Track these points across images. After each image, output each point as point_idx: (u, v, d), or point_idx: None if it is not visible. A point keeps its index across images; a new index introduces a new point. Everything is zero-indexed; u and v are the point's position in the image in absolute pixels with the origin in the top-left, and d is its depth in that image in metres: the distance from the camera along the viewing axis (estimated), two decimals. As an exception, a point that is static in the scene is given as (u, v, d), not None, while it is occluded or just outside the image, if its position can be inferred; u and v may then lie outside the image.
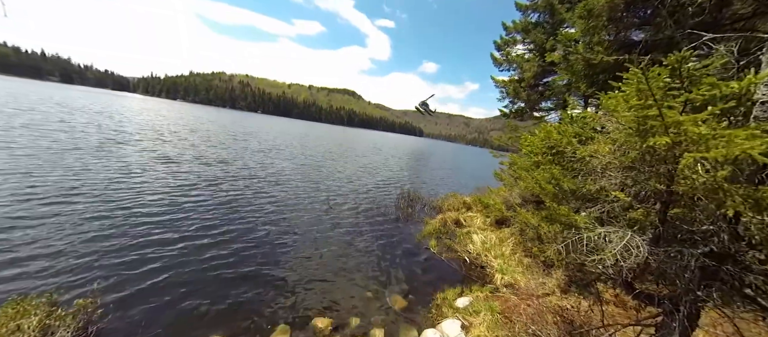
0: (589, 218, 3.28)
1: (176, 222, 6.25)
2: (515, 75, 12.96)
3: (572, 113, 3.36)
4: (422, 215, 9.89)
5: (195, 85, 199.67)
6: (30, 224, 5.23)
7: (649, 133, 2.03)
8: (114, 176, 8.64)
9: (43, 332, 2.91)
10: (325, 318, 4.04)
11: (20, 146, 10.29)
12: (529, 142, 4.42)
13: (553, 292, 5.06)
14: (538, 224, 5.97)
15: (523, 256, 6.58)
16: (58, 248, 4.66)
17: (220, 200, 8.15)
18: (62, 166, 8.80)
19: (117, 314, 3.55)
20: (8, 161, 8.49)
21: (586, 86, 6.56)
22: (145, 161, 10.86)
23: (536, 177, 6.23)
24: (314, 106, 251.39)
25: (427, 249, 7.07)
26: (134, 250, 4.96)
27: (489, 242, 7.36)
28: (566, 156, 3.05)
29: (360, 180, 15.06)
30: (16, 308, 2.98)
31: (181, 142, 17.11)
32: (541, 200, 7.18)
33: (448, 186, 17.74)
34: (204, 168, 11.67)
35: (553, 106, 12.47)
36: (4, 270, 3.99)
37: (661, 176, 2.08)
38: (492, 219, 8.96)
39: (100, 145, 12.31)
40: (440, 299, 4.87)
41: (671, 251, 2.21)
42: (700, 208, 2.22)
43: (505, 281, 5.60)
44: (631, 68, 2.03)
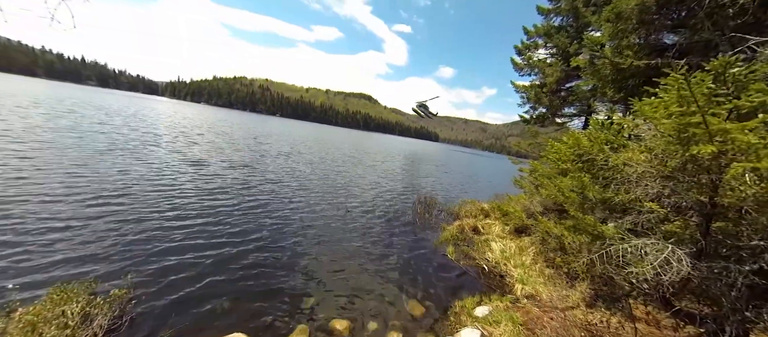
0: (619, 229, 3.14)
1: (203, 222, 6.52)
2: (537, 80, 12.66)
3: (602, 120, 3.23)
4: (439, 220, 9.77)
5: (218, 89, 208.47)
6: (72, 218, 5.63)
7: (691, 141, 1.92)
8: (147, 177, 9.15)
9: (84, 317, 3.10)
10: (343, 320, 4.07)
11: (65, 147, 11.12)
12: (556, 149, 4.29)
13: (578, 305, 4.84)
14: (561, 233, 5.76)
15: (544, 266, 6.35)
16: (96, 242, 4.98)
17: (244, 202, 8.43)
18: (101, 167, 9.42)
19: (147, 305, 3.74)
20: (54, 161, 9.19)
21: (614, 91, 6.30)
22: (175, 163, 11.42)
23: (559, 185, 6.03)
24: (331, 110, 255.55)
25: (444, 255, 6.97)
26: (164, 246, 5.22)
27: (508, 251, 7.16)
28: (597, 164, 2.94)
29: (376, 184, 15.13)
30: (61, 295, 3.20)
31: (208, 145, 17.88)
32: (563, 209, 6.93)
33: (465, 192, 17.46)
34: (230, 171, 12.13)
35: (576, 112, 12.06)
36: (50, 258, 4.31)
37: (703, 186, 1.96)
38: (511, 227, 8.71)
39: (134, 147, 13.08)
40: (458, 307, 4.77)
41: (715, 266, 2.07)
42: (748, 222, 2.07)
43: (525, 292, 5.42)
44: (671, 73, 1.94)
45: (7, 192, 6.26)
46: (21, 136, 11.52)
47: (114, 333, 3.21)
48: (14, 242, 4.55)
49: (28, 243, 4.60)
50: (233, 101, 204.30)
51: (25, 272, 3.96)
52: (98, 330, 3.04)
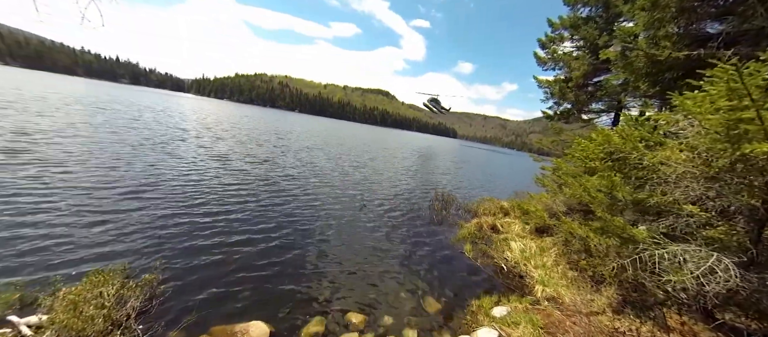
0: (653, 233, 2.93)
1: (227, 215, 6.78)
2: (561, 74, 12.07)
3: (635, 115, 2.99)
4: (457, 218, 9.62)
5: (240, 86, 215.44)
6: (108, 208, 6.04)
7: (742, 138, 1.74)
8: (175, 171, 9.63)
9: (119, 299, 3.32)
10: (359, 314, 4.10)
11: (102, 142, 11.92)
12: (583, 146, 4.07)
13: (604, 311, 4.61)
14: (586, 235, 5.49)
15: (567, 268, 6.10)
16: (129, 230, 5.31)
17: (265, 196, 8.69)
18: (134, 161, 10.02)
19: (175, 290, 3.94)
20: (93, 155, 9.86)
21: (648, 86, 5.87)
22: (201, 158, 11.94)
23: (585, 184, 5.73)
24: (348, 106, 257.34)
25: (462, 253, 6.86)
26: (190, 236, 5.48)
27: (528, 251, 6.94)
28: (629, 163, 2.75)
29: (393, 180, 15.11)
30: (99, 277, 3.44)
31: (232, 139, 18.55)
32: (589, 210, 6.60)
33: (483, 190, 17.08)
34: (252, 166, 12.53)
35: (605, 107, 11.41)
36: (89, 244, 4.64)
37: (756, 189, 1.77)
38: (532, 226, 8.43)
39: (164, 142, 13.78)
40: (476, 306, 4.69)
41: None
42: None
43: (546, 294, 5.23)
44: (718, 64, 1.76)
45: (54, 183, 6.80)
46: (64, 131, 12.45)
47: (145, 315, 3.41)
48: (58, 229, 4.94)
49: (70, 230, 4.98)
50: (254, 97, 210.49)
51: (67, 255, 4.29)
52: (131, 311, 3.24)
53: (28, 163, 7.73)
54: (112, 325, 2.99)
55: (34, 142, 9.86)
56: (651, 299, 3.19)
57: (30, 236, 4.55)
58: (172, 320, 3.45)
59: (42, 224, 4.94)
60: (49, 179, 6.92)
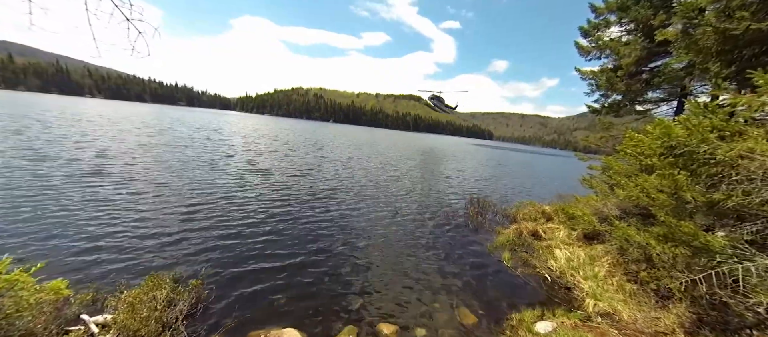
0: (734, 241, 2.43)
1: (266, 226, 7.15)
2: (609, 63, 10.95)
3: (704, 102, 2.52)
4: (494, 224, 9.10)
5: (278, 101, 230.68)
6: (163, 220, 6.72)
7: None
8: (222, 185, 10.49)
9: (169, 302, 3.62)
10: (391, 324, 4.00)
11: (162, 161, 13.45)
12: (637, 141, 3.57)
13: (673, 332, 3.95)
14: (646, 242, 4.80)
15: (623, 280, 5.38)
16: (179, 240, 5.84)
17: (303, 207, 9.04)
18: (188, 176, 11.13)
19: (218, 297, 4.20)
20: (153, 173, 11.14)
21: (721, 66, 5.01)
22: (245, 173, 12.85)
23: (642, 184, 5.04)
24: (381, 114, 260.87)
25: (500, 262, 6.43)
26: (233, 246, 5.86)
27: (576, 260, 6.27)
28: (697, 159, 2.32)
29: (426, 185, 14.84)
30: (154, 282, 3.79)
31: (275, 154, 19.75)
32: (648, 213, 5.80)
33: (522, 193, 16.02)
34: (290, 178, 13.20)
35: (664, 96, 10.07)
36: (146, 251, 5.19)
37: None
38: (579, 232, 7.64)
39: (214, 158, 15.08)
40: (516, 320, 4.32)
41: None
42: None
43: (600, 309, 4.65)
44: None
45: (120, 197, 7.78)
46: (132, 150, 14.28)
47: (191, 317, 3.67)
48: (121, 239, 5.61)
49: (130, 240, 5.62)
50: (291, 111, 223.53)
51: (132, 261, 4.83)
52: (179, 314, 3.52)
53: (103, 177, 8.97)
54: (163, 327, 3.26)
55: (110, 162, 11.44)
56: (735, 320, 2.63)
57: (104, 246, 5.22)
58: (213, 323, 3.67)
59: (114, 233, 5.65)
60: (114, 191, 7.94)
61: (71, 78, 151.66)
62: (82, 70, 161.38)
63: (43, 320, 2.98)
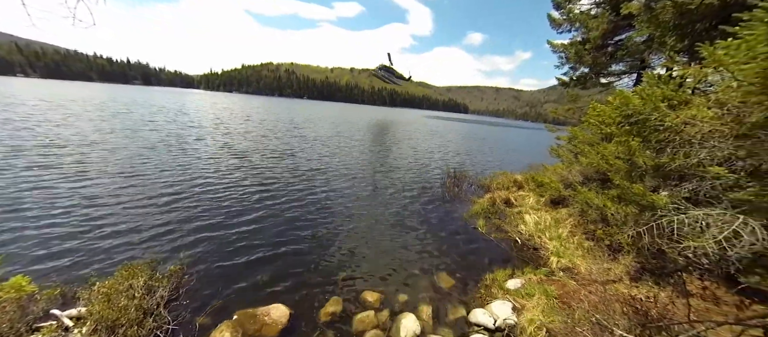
0: (674, 198, 2.78)
1: (245, 206, 7.00)
2: (578, 36, 11.29)
3: (659, 73, 2.74)
4: (469, 194, 9.54)
5: (247, 77, 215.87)
6: (133, 207, 6.34)
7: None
8: (193, 167, 9.94)
9: (148, 290, 3.54)
10: (375, 292, 4.22)
11: (123, 146, 12.38)
12: (599, 111, 3.84)
13: (621, 279, 4.54)
14: (603, 204, 5.33)
15: (583, 239, 5.98)
16: (154, 226, 5.59)
17: (280, 187, 8.87)
18: (153, 160, 10.39)
19: (199, 280, 4.16)
20: (116, 160, 10.29)
21: (676, 40, 5.37)
22: (218, 154, 12.22)
23: (602, 152, 5.48)
24: (356, 89, 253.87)
25: (475, 229, 6.85)
26: (211, 229, 5.71)
27: (543, 223, 6.83)
28: (649, 126, 2.56)
29: (404, 160, 15.04)
30: (128, 271, 3.67)
31: (249, 135, 18.78)
32: (607, 178, 6.36)
33: (496, 164, 16.76)
34: (269, 159, 12.75)
35: (626, 69, 10.68)
36: (116, 242, 4.94)
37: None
38: (546, 199, 8.26)
39: (182, 141, 14.11)
40: (489, 279, 4.72)
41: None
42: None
43: (561, 265, 5.19)
44: (756, 6, 1.55)
45: (80, 187, 7.18)
46: (91, 138, 12.99)
47: (173, 303, 3.64)
48: (89, 228, 5.26)
49: (99, 229, 5.29)
50: (262, 88, 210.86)
51: (98, 253, 4.58)
52: (160, 300, 3.46)
53: (59, 167, 8.17)
54: (144, 313, 3.21)
55: (62, 148, 10.38)
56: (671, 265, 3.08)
57: (64, 236, 4.88)
58: (198, 307, 3.66)
59: (74, 224, 5.27)
60: (75, 181, 7.32)
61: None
62: (9, 46, 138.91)
63: (7, 319, 2.82)
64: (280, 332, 3.40)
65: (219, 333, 3.24)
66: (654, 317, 2.85)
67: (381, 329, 3.60)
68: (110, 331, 2.84)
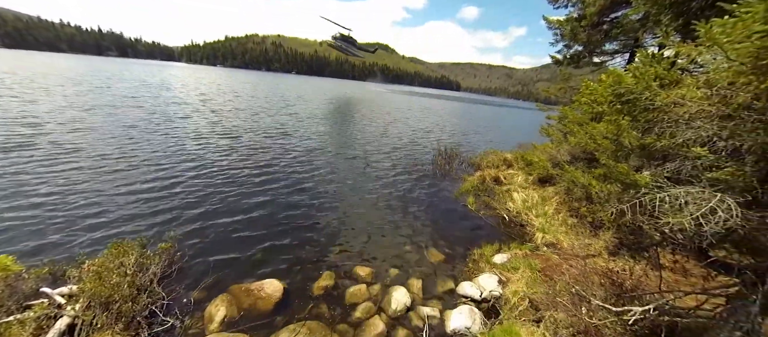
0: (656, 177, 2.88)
1: (235, 183, 6.92)
2: (575, 12, 11.06)
3: (652, 53, 2.73)
4: (460, 171, 9.67)
5: (232, 50, 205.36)
6: (118, 185, 6.17)
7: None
8: (183, 148, 9.63)
9: (139, 267, 3.53)
10: (366, 267, 4.34)
11: (105, 124, 11.81)
12: (591, 90, 3.85)
13: (600, 254, 4.80)
14: (588, 183, 5.49)
15: (567, 216, 6.23)
16: (140, 204, 5.49)
17: (272, 163, 8.74)
18: (139, 138, 9.99)
19: (192, 256, 4.17)
20: (99, 138, 9.83)
21: (671, 18, 5.33)
22: (208, 133, 11.82)
23: (591, 131, 5.57)
24: (347, 64, 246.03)
25: (465, 206, 7.02)
26: (202, 206, 5.66)
27: (530, 201, 7.05)
28: (640, 105, 2.59)
29: (395, 138, 14.97)
30: (119, 249, 3.63)
31: (239, 113, 18.17)
32: (593, 158, 6.53)
33: (487, 143, 16.90)
34: (261, 138, 12.43)
35: (619, 47, 10.63)
36: (104, 219, 4.85)
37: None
38: (535, 177, 8.46)
39: (168, 119, 13.50)
40: (477, 254, 4.91)
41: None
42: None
43: (546, 240, 5.43)
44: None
45: (63, 164, 6.89)
46: (64, 112, 12.30)
47: (167, 279, 3.66)
48: (74, 207, 5.12)
49: (85, 207, 5.16)
50: (248, 61, 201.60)
51: (85, 231, 4.50)
52: (152, 277, 3.48)
53: (38, 146, 7.79)
54: (138, 290, 3.23)
55: (40, 125, 9.84)
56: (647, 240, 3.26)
57: (49, 216, 4.75)
58: (191, 282, 3.70)
59: (57, 204, 5.12)
60: (56, 161, 7.02)
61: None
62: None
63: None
64: (275, 306, 3.49)
65: (214, 307, 3.31)
66: (628, 287, 3.06)
67: (373, 302, 3.75)
68: (104, 307, 2.86)
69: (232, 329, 3.13)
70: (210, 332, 3.07)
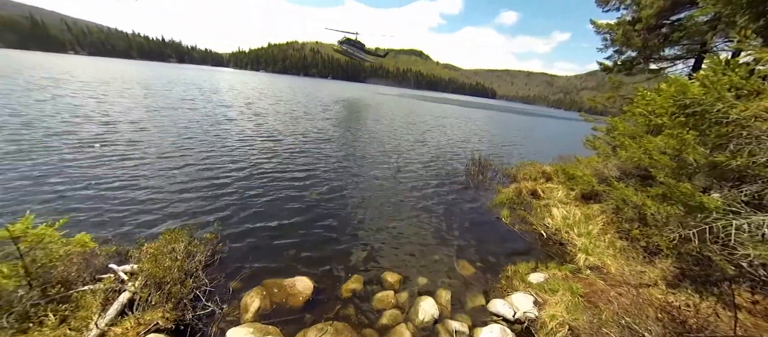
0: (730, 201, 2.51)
1: (276, 185, 7.29)
2: (628, 15, 10.19)
3: (725, 59, 2.39)
4: (494, 182, 9.28)
5: (273, 56, 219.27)
6: (174, 180, 6.85)
7: None
8: (229, 148, 10.48)
9: (187, 254, 3.86)
10: (395, 274, 4.31)
11: (166, 125, 13.24)
12: (648, 100, 3.49)
13: (656, 284, 4.28)
14: (642, 202, 4.96)
15: (615, 237, 5.67)
16: (191, 198, 6.03)
17: (309, 166, 9.13)
18: (194, 138, 11.05)
19: (232, 249, 4.48)
20: (157, 138, 11.05)
21: (749, 19, 4.68)
22: (252, 133, 12.74)
23: (646, 146, 5.04)
24: (381, 70, 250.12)
25: (499, 219, 6.70)
26: (243, 203, 6.07)
27: (572, 218, 6.53)
28: (709, 118, 2.29)
29: (429, 145, 14.83)
30: (171, 236, 4.01)
31: (279, 116, 19.34)
32: (648, 175, 5.90)
33: (523, 154, 16.06)
34: (299, 140, 13.12)
35: (681, 53, 9.57)
36: (160, 210, 5.40)
37: None
38: (577, 193, 7.84)
39: (217, 122, 14.63)
40: (511, 271, 4.64)
41: None
42: None
43: (590, 263, 4.98)
44: None
45: (128, 162, 7.84)
46: (139, 116, 14.01)
47: (209, 267, 3.95)
48: (139, 196, 5.78)
49: (147, 196, 5.80)
50: (288, 67, 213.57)
51: (147, 217, 5.05)
52: (198, 264, 3.78)
53: (110, 142, 8.96)
54: (185, 274, 3.52)
55: (113, 124, 11.31)
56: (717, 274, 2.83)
57: (117, 202, 5.41)
58: (230, 272, 3.96)
59: (124, 193, 5.82)
60: (124, 156, 8.00)
61: (50, 33, 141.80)
62: (60, 24, 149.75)
63: (74, 269, 3.21)
64: (304, 303, 3.60)
65: (249, 298, 3.50)
66: (693, 327, 2.67)
67: (399, 310, 3.70)
68: (158, 287, 3.16)
69: (264, 321, 3.28)
70: (245, 321, 3.25)
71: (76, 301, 2.90)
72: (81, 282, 3.14)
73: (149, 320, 2.83)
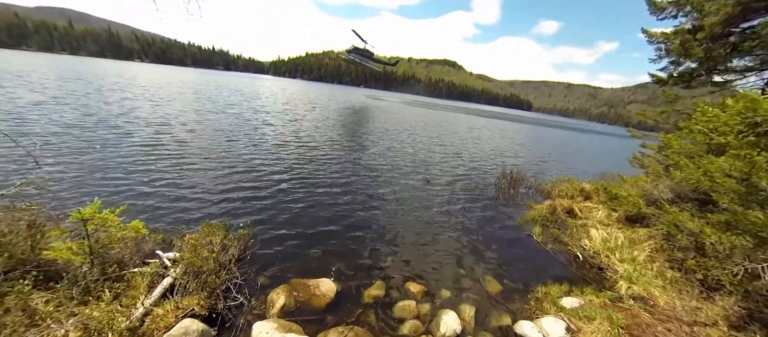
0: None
1: (310, 188, 7.58)
2: (687, 23, 9.28)
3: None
4: (526, 198, 8.84)
5: (309, 65, 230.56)
6: (212, 179, 7.42)
7: None
8: (265, 151, 11.17)
9: (222, 247, 4.13)
10: (418, 284, 4.25)
11: (211, 128, 14.44)
12: (710, 116, 3.14)
13: (715, 323, 3.75)
14: (700, 229, 4.42)
15: (665, 267, 5.09)
16: (227, 196, 6.49)
17: (339, 173, 9.40)
18: (237, 138, 11.93)
19: (262, 246, 4.71)
20: (202, 139, 12.08)
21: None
22: (288, 139, 13.43)
23: (706, 166, 4.51)
24: (413, 79, 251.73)
25: (529, 236, 6.35)
26: (274, 203, 6.39)
27: (613, 241, 5.98)
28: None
29: (458, 157, 14.56)
30: (209, 229, 4.33)
31: (314, 123, 20.28)
32: (708, 199, 5.25)
33: (560, 170, 15.12)
34: (330, 146, 13.64)
35: (754, 64, 8.49)
36: (200, 205, 5.86)
37: None
38: (620, 214, 7.19)
39: (256, 126, 15.48)
40: (541, 292, 4.36)
41: None
42: None
43: (633, 292, 4.51)
44: None
45: (173, 161, 8.64)
46: (189, 117, 15.46)
47: (241, 262, 4.19)
48: (182, 191, 6.34)
49: (189, 192, 6.34)
50: (323, 75, 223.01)
51: (190, 211, 5.51)
52: (231, 258, 4.03)
53: (163, 142, 9.97)
54: (220, 266, 3.77)
55: (167, 125, 12.59)
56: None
57: (165, 196, 5.97)
58: (259, 268, 4.16)
59: (171, 187, 6.42)
60: (174, 154, 8.85)
61: (122, 43, 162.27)
62: (130, 36, 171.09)
63: (128, 252, 3.59)
64: (327, 305, 3.67)
65: (275, 294, 3.65)
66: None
67: (421, 321, 3.63)
68: (196, 275, 3.42)
69: (288, 318, 3.39)
70: (270, 316, 3.39)
71: (128, 281, 3.23)
72: (132, 264, 3.49)
73: (187, 305, 3.06)
